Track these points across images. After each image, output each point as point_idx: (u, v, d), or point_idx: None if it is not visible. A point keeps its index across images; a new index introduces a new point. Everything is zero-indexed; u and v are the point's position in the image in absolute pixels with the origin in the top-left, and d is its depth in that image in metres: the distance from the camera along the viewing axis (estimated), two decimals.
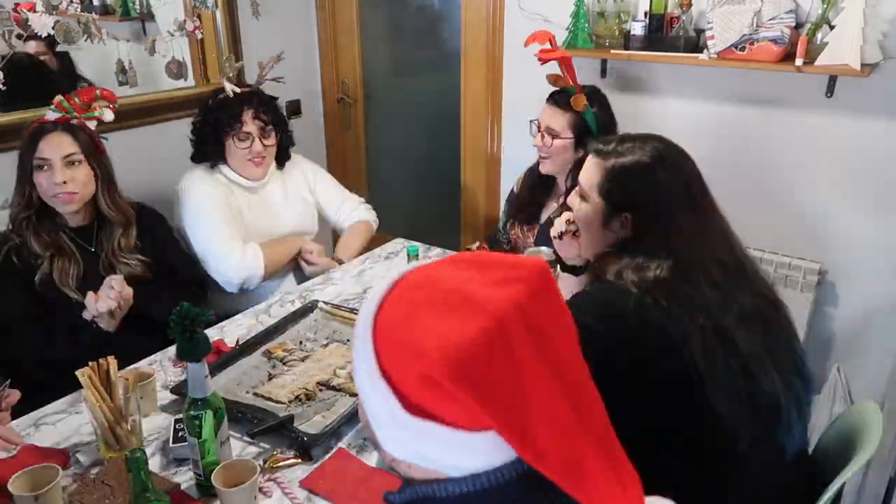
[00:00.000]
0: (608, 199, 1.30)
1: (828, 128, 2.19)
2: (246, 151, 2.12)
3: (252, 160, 2.14)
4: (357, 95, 3.35)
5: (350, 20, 3.23)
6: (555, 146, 2.10)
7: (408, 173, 3.51)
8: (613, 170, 1.29)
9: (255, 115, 2.12)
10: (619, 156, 1.30)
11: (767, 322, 1.22)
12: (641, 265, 1.21)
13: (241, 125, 2.10)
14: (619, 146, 1.31)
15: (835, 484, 1.20)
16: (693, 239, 1.24)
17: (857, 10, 1.88)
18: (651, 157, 1.28)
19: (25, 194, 1.76)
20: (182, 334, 1.15)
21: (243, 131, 2.11)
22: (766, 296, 1.26)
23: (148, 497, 1.07)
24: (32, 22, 1.99)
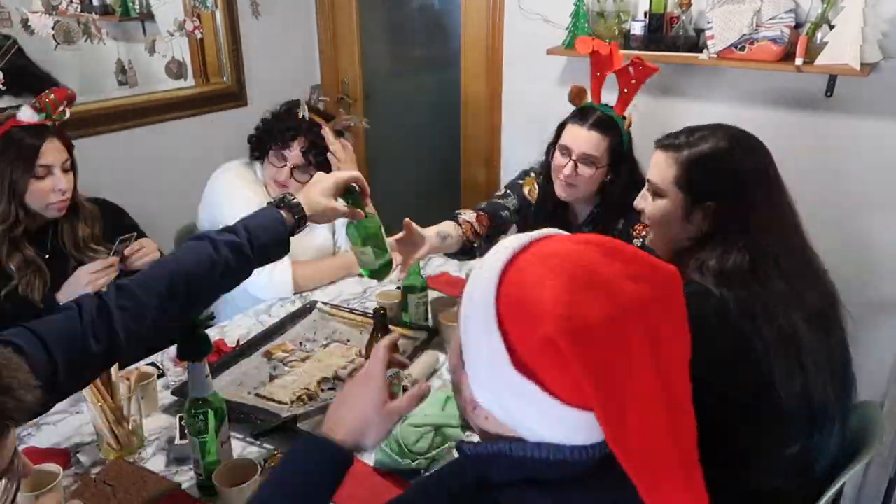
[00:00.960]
0: (689, 190, 1.26)
1: (828, 128, 2.20)
2: (275, 171, 2.07)
3: (277, 181, 2.08)
4: (357, 95, 3.35)
5: (350, 20, 3.23)
6: (591, 176, 1.86)
7: (408, 173, 3.51)
8: (691, 159, 1.26)
9: (303, 148, 2.05)
10: (692, 146, 1.26)
11: (828, 325, 1.21)
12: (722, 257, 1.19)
13: (287, 147, 2.05)
14: (689, 137, 1.28)
15: (835, 484, 1.20)
16: (771, 227, 1.22)
17: (857, 10, 1.89)
18: (728, 142, 1.25)
19: (11, 208, 1.64)
20: (182, 334, 1.15)
21: (283, 152, 2.05)
22: (830, 296, 1.26)
23: None
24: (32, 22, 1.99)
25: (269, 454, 1.34)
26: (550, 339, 0.64)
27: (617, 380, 0.65)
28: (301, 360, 1.64)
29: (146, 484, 1.23)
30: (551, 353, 0.65)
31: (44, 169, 1.66)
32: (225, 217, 2.01)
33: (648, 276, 0.70)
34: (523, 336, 0.67)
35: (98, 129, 2.42)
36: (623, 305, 0.66)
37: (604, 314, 0.65)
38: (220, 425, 1.22)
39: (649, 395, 0.66)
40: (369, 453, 1.34)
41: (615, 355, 0.65)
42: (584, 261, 0.69)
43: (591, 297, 0.66)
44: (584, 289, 0.66)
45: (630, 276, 0.68)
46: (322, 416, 1.43)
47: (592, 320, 0.64)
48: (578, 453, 0.70)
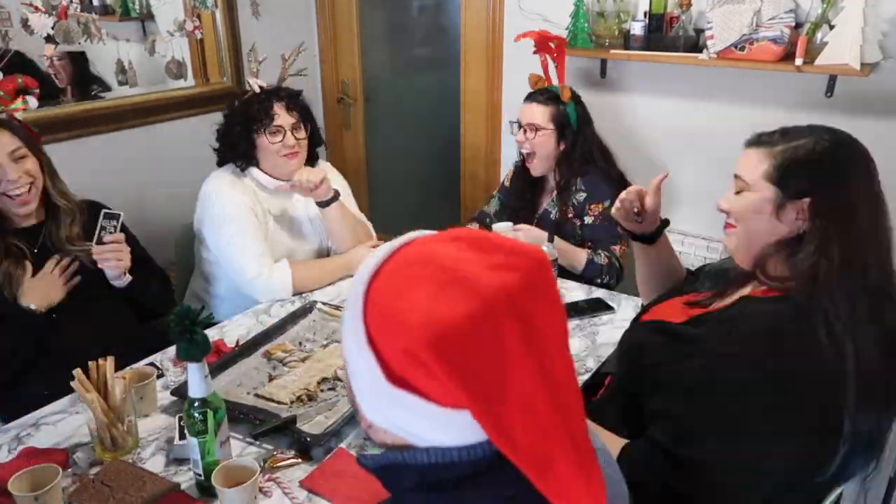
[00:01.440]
0: (782, 185, 1.16)
1: None
2: (279, 146, 2.04)
3: (286, 154, 2.06)
4: (357, 95, 3.35)
5: (350, 20, 3.23)
6: (538, 140, 2.18)
7: (408, 173, 3.51)
8: (785, 156, 1.17)
9: (286, 108, 2.05)
10: (788, 141, 1.18)
11: None
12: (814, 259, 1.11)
13: (272, 119, 2.02)
14: (784, 136, 1.20)
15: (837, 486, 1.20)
16: (866, 237, 1.13)
17: (857, 10, 1.89)
18: (831, 144, 1.17)
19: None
20: (182, 334, 1.15)
21: (275, 125, 2.03)
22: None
23: None
24: (32, 22, 1.99)
25: (269, 454, 1.34)
26: (410, 351, 0.64)
27: (489, 375, 0.64)
28: (301, 361, 1.64)
29: (145, 484, 1.22)
30: (416, 364, 0.64)
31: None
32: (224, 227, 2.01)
33: (514, 263, 0.68)
34: (389, 349, 0.67)
35: (98, 128, 2.42)
36: (487, 299, 0.64)
37: (465, 313, 0.63)
38: (219, 425, 1.21)
39: (530, 388, 0.65)
40: None
41: (483, 352, 0.64)
42: (446, 261, 0.68)
43: (452, 298, 0.64)
44: (444, 290, 0.65)
45: (494, 266, 0.67)
46: (321, 416, 1.43)
47: (452, 322, 0.63)
48: (467, 453, 0.69)
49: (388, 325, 0.67)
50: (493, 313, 0.64)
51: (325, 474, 1.29)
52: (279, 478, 1.29)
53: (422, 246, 0.72)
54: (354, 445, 1.38)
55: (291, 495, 1.25)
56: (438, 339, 0.62)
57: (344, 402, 1.49)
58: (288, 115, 2.05)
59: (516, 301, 0.66)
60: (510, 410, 0.64)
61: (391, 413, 0.70)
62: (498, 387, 0.64)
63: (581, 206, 2.19)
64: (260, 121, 2.02)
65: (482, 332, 0.64)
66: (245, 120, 2.04)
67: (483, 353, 0.64)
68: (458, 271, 0.66)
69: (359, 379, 0.71)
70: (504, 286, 0.66)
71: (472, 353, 0.63)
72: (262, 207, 2.09)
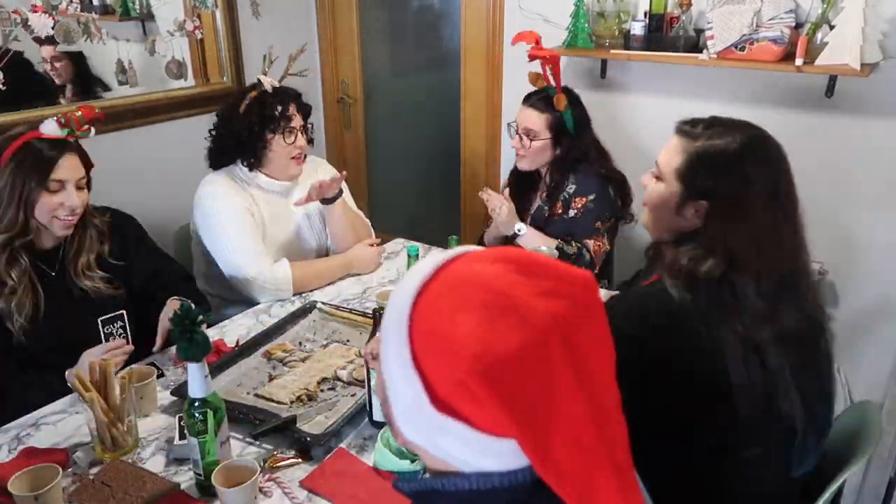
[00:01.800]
0: (686, 185, 1.21)
1: (828, 128, 2.20)
2: (292, 148, 2.05)
3: (296, 157, 2.08)
4: (357, 95, 3.35)
5: (350, 20, 3.23)
6: (533, 147, 2.17)
7: (408, 173, 3.51)
8: (697, 154, 1.20)
9: (298, 109, 2.07)
10: (706, 139, 1.21)
11: (805, 346, 1.18)
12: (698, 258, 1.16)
13: (290, 120, 2.03)
14: (707, 129, 1.23)
15: (835, 484, 1.20)
16: (759, 242, 1.16)
17: (857, 10, 1.89)
18: (741, 146, 1.19)
19: (18, 218, 1.60)
20: (182, 334, 1.15)
21: (290, 126, 2.03)
22: (812, 318, 1.22)
23: None
24: (32, 22, 1.99)
25: (269, 454, 1.34)
26: (464, 382, 0.62)
27: (538, 406, 0.63)
28: (301, 361, 1.64)
29: (145, 484, 1.23)
30: (468, 393, 0.63)
31: (57, 183, 1.62)
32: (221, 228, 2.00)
33: (563, 289, 0.67)
34: (440, 376, 0.65)
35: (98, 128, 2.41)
36: (539, 328, 0.64)
37: (518, 343, 0.63)
38: (219, 425, 1.22)
39: (577, 417, 0.65)
40: (369, 453, 1.35)
41: (533, 382, 0.63)
42: (496, 285, 0.66)
43: (504, 326, 0.63)
44: (497, 318, 0.64)
45: (544, 292, 0.66)
46: (321, 416, 1.43)
47: (506, 353, 0.62)
48: (508, 479, 0.68)
49: (437, 349, 0.65)
50: (544, 343, 0.64)
51: (325, 474, 1.29)
52: (279, 478, 1.29)
53: (469, 265, 0.70)
54: (354, 445, 1.38)
55: (291, 495, 1.25)
56: (491, 370, 0.62)
57: (344, 401, 1.49)
58: (300, 116, 2.07)
59: (565, 329, 0.65)
60: (556, 440, 0.64)
61: (433, 436, 0.69)
62: (546, 416, 0.64)
63: (568, 199, 2.20)
64: (278, 121, 2.02)
65: (533, 362, 0.63)
66: (261, 119, 2.02)
67: (533, 383, 0.63)
68: (509, 298, 0.65)
69: (399, 399, 0.70)
70: (555, 314, 0.65)
71: (523, 384, 0.63)
72: (259, 209, 2.09)
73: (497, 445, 0.66)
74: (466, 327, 0.63)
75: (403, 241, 2.45)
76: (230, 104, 2.09)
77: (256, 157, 2.06)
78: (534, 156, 2.19)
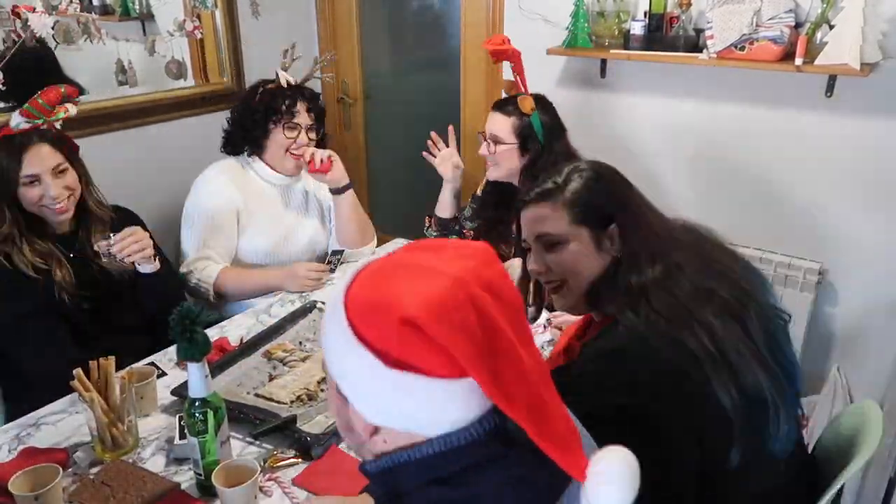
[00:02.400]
0: (590, 222, 1.23)
1: (827, 127, 2.20)
2: (290, 142, 2.10)
3: (293, 153, 2.12)
4: (357, 95, 3.35)
5: (350, 20, 3.23)
6: (499, 153, 2.06)
7: (408, 173, 3.51)
8: (575, 195, 1.24)
9: (307, 108, 2.13)
10: (566, 185, 1.25)
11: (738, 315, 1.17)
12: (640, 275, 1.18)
13: (293, 115, 2.09)
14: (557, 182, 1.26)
15: (835, 485, 1.20)
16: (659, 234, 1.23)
17: (857, 10, 1.89)
18: (591, 171, 1.28)
19: (5, 215, 1.65)
20: (182, 335, 1.15)
21: (294, 121, 2.10)
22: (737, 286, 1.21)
23: None
24: (32, 22, 1.99)
25: (269, 454, 1.34)
26: (407, 320, 0.68)
27: (481, 340, 0.69)
28: (301, 360, 1.64)
29: (145, 484, 1.23)
30: (413, 336, 0.68)
31: (30, 178, 1.64)
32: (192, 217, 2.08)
33: (466, 253, 0.77)
34: (382, 334, 0.70)
35: (98, 128, 2.41)
36: (456, 275, 0.71)
37: (442, 288, 0.70)
38: (219, 425, 1.22)
39: (510, 344, 0.71)
40: None
41: (469, 317, 0.69)
42: (408, 259, 0.77)
43: (426, 280, 0.72)
44: (416, 277, 0.72)
45: (450, 258, 0.75)
46: (321, 415, 1.43)
47: (437, 294, 0.69)
48: (468, 435, 0.72)
49: (377, 312, 0.71)
50: (465, 285, 0.71)
51: (318, 472, 1.29)
52: (279, 477, 1.29)
53: (382, 258, 0.79)
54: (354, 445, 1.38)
55: (292, 495, 1.25)
56: (430, 306, 0.68)
57: None
58: (307, 115, 2.12)
59: (479, 275, 0.73)
60: (501, 365, 0.70)
61: (393, 404, 0.72)
62: (487, 345, 0.69)
63: None
64: (281, 114, 2.08)
65: (462, 300, 0.70)
66: (266, 109, 2.09)
67: (468, 317, 0.69)
68: (422, 264, 0.75)
69: (355, 381, 0.74)
70: (464, 267, 0.73)
71: (460, 317, 0.69)
72: (258, 199, 2.13)
73: (455, 389, 0.70)
74: (395, 288, 0.72)
75: (403, 241, 2.45)
76: (246, 93, 2.19)
77: (257, 145, 2.13)
78: (500, 162, 2.08)
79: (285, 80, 2.11)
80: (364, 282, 0.76)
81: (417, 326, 0.68)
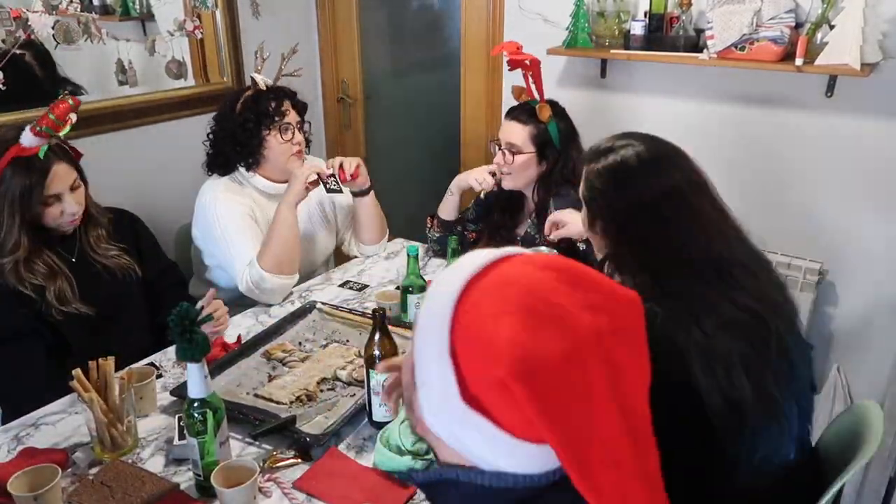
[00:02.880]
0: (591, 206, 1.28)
1: (828, 127, 2.19)
2: (289, 145, 2.05)
3: (295, 154, 2.07)
4: (357, 95, 3.35)
5: (350, 20, 3.23)
6: (517, 163, 2.03)
7: (408, 173, 3.51)
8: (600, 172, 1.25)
9: (293, 105, 2.08)
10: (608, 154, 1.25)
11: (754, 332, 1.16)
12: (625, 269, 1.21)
13: (284, 115, 2.03)
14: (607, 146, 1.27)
15: (835, 485, 1.20)
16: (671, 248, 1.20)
17: (857, 10, 1.88)
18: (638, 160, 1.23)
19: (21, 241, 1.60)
20: (181, 335, 1.15)
21: (285, 122, 2.04)
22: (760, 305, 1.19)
23: None
24: (32, 22, 1.99)
25: (268, 454, 1.34)
26: (503, 382, 0.62)
27: (574, 417, 0.63)
28: (300, 361, 1.64)
29: (144, 484, 1.23)
30: (504, 394, 0.63)
31: (53, 198, 1.64)
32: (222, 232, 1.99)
33: (607, 305, 0.68)
34: (476, 372, 0.66)
35: (98, 128, 2.41)
36: (580, 340, 0.64)
37: (559, 352, 0.63)
38: (218, 426, 1.22)
39: (613, 433, 0.65)
40: (368, 454, 1.34)
41: (571, 392, 0.64)
42: (542, 291, 0.67)
43: (547, 333, 0.64)
44: (541, 325, 0.64)
45: (588, 306, 0.67)
46: (320, 416, 1.43)
47: (547, 360, 0.62)
48: (524, 481, 0.68)
49: (479, 348, 0.65)
50: (584, 356, 0.64)
51: (318, 474, 1.29)
52: (279, 478, 1.29)
53: (517, 268, 0.70)
54: (354, 446, 1.38)
55: (291, 496, 1.25)
56: (533, 373, 0.62)
57: (343, 402, 1.49)
58: (295, 112, 2.08)
59: (605, 344, 0.65)
60: (594, 454, 0.64)
61: (458, 430, 0.69)
62: (584, 429, 0.64)
63: None
64: (272, 117, 2.02)
65: (572, 371, 0.63)
66: (256, 115, 2.02)
67: (571, 392, 0.63)
68: (554, 306, 0.66)
69: (430, 387, 0.70)
70: (597, 329, 0.65)
71: (562, 392, 0.63)
72: (262, 213, 2.08)
73: (523, 448, 0.66)
74: (510, 330, 0.64)
75: (403, 241, 2.45)
76: (225, 105, 2.09)
77: (254, 158, 2.06)
78: (518, 172, 2.05)
79: (263, 82, 2.06)
80: (485, 297, 0.68)
81: (512, 389, 0.62)
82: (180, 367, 1.63)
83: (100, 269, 1.77)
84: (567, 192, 1.99)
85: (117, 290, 1.78)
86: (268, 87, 2.06)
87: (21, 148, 1.57)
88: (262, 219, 2.07)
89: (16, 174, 1.58)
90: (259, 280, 1.93)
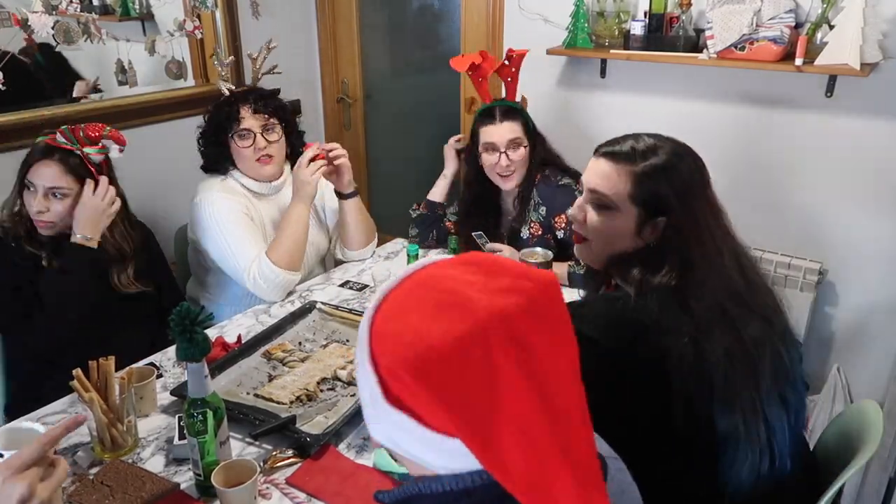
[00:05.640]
0: (647, 206, 1.20)
1: (827, 127, 2.20)
2: (250, 151, 2.01)
3: (259, 159, 2.04)
4: (357, 95, 3.35)
5: (350, 20, 3.23)
6: (518, 156, 2.08)
7: (408, 173, 3.51)
8: (646, 173, 1.20)
9: (253, 111, 2.02)
10: (645, 158, 1.21)
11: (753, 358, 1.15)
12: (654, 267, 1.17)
13: (239, 122, 2.00)
14: (636, 147, 1.22)
15: (835, 485, 1.20)
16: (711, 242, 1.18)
17: (857, 10, 1.89)
18: (675, 155, 1.21)
19: (16, 207, 1.76)
20: (182, 335, 1.15)
21: (242, 128, 2.00)
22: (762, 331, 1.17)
23: None
24: (32, 22, 1.99)
25: (268, 454, 1.34)
26: (393, 371, 0.65)
27: (478, 400, 0.63)
28: (300, 361, 1.64)
29: (144, 484, 1.23)
30: (403, 384, 0.65)
31: (29, 183, 1.71)
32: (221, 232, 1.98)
33: (520, 286, 0.68)
34: (389, 373, 0.66)
35: None
36: (481, 321, 0.64)
37: (454, 336, 0.63)
38: (218, 426, 1.22)
39: (523, 411, 0.64)
40: (368, 454, 1.35)
41: (470, 376, 0.63)
42: (449, 285, 0.68)
43: (446, 321, 0.64)
44: (439, 312, 0.65)
45: (498, 289, 0.67)
46: (321, 416, 1.43)
47: (435, 345, 0.63)
48: (480, 477, 0.68)
49: (384, 343, 0.67)
50: (484, 337, 0.64)
51: (311, 471, 1.29)
52: (277, 479, 1.29)
53: (433, 269, 0.73)
54: (354, 445, 1.38)
55: (291, 495, 1.25)
56: (418, 360, 0.63)
57: (344, 401, 1.49)
58: (254, 117, 2.02)
59: (514, 325, 0.65)
60: (501, 434, 0.63)
61: (392, 433, 0.70)
62: (487, 409, 0.63)
63: (546, 220, 2.12)
64: (228, 125, 2.02)
65: (469, 356, 0.63)
66: (215, 125, 2.04)
67: (472, 377, 0.63)
68: (457, 294, 0.67)
69: (364, 399, 0.72)
70: (502, 310, 0.65)
71: (460, 377, 0.63)
72: (256, 212, 2.08)
73: (449, 445, 0.66)
74: (408, 321, 0.66)
75: (403, 241, 2.45)
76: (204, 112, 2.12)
77: (226, 163, 2.08)
78: (521, 167, 2.11)
79: (226, 88, 2.06)
80: (397, 298, 0.70)
81: (401, 376, 0.64)
82: (180, 367, 1.63)
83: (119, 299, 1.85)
84: (543, 179, 2.12)
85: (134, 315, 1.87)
86: (231, 92, 2.07)
87: (54, 139, 1.71)
88: (256, 217, 2.08)
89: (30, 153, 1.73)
90: (269, 273, 1.94)
